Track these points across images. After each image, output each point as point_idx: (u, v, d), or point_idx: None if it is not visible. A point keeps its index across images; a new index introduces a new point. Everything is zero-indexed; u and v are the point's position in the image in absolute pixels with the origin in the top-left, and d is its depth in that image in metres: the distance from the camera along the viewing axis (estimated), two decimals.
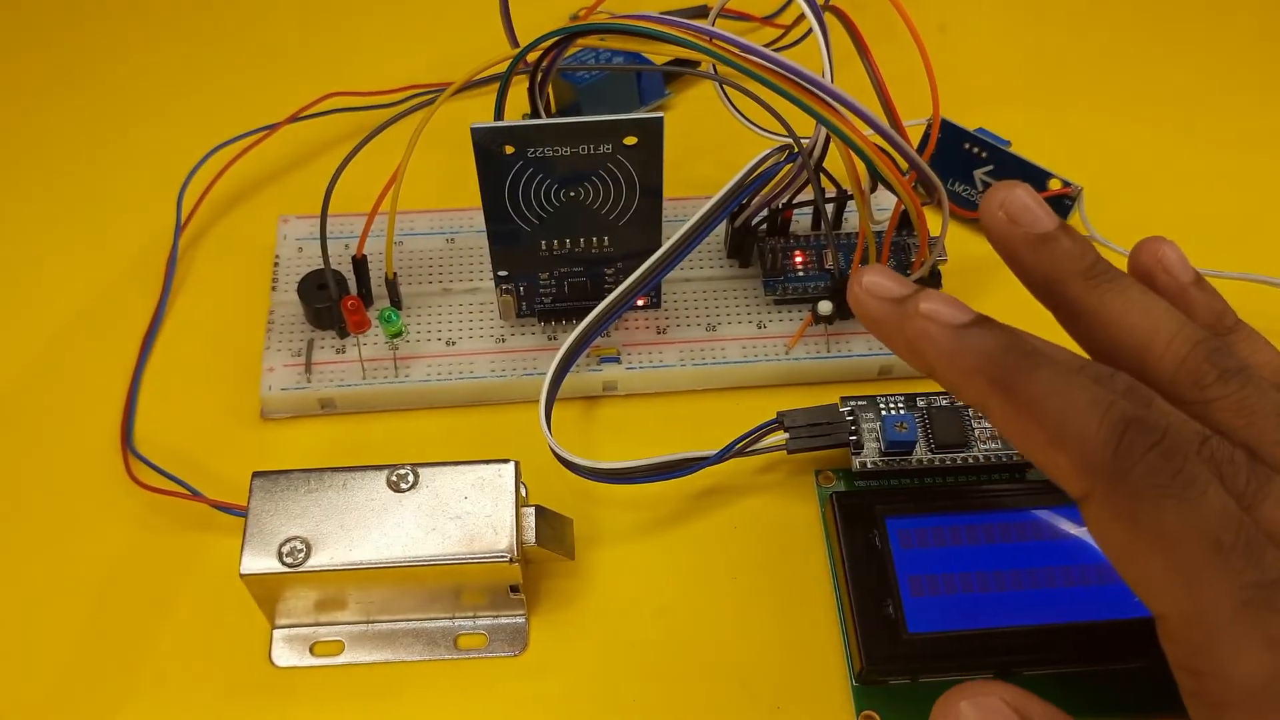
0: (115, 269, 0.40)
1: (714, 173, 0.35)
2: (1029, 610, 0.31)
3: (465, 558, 0.29)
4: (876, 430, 0.34)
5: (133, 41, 0.48)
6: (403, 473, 0.30)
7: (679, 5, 0.46)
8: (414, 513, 0.30)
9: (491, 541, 0.29)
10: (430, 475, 0.30)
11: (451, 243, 0.39)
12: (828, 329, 0.37)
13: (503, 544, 0.29)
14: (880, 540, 0.31)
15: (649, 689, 0.31)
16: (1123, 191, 0.42)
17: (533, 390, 0.34)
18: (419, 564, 0.29)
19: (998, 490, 0.33)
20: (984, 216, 0.27)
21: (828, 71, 0.32)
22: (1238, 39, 0.48)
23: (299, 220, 0.40)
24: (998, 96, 0.45)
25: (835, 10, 0.33)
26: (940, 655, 0.30)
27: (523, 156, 0.32)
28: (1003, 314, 0.38)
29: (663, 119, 0.32)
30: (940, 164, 0.41)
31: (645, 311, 0.38)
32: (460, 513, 0.30)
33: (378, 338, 0.36)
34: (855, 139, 0.31)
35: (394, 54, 0.47)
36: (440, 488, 0.30)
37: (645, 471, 0.33)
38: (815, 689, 0.31)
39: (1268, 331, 0.38)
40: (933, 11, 0.49)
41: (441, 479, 0.30)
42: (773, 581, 0.33)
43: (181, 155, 0.41)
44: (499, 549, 0.29)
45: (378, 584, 0.30)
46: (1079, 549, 0.31)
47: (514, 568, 0.29)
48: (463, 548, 0.29)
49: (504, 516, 0.30)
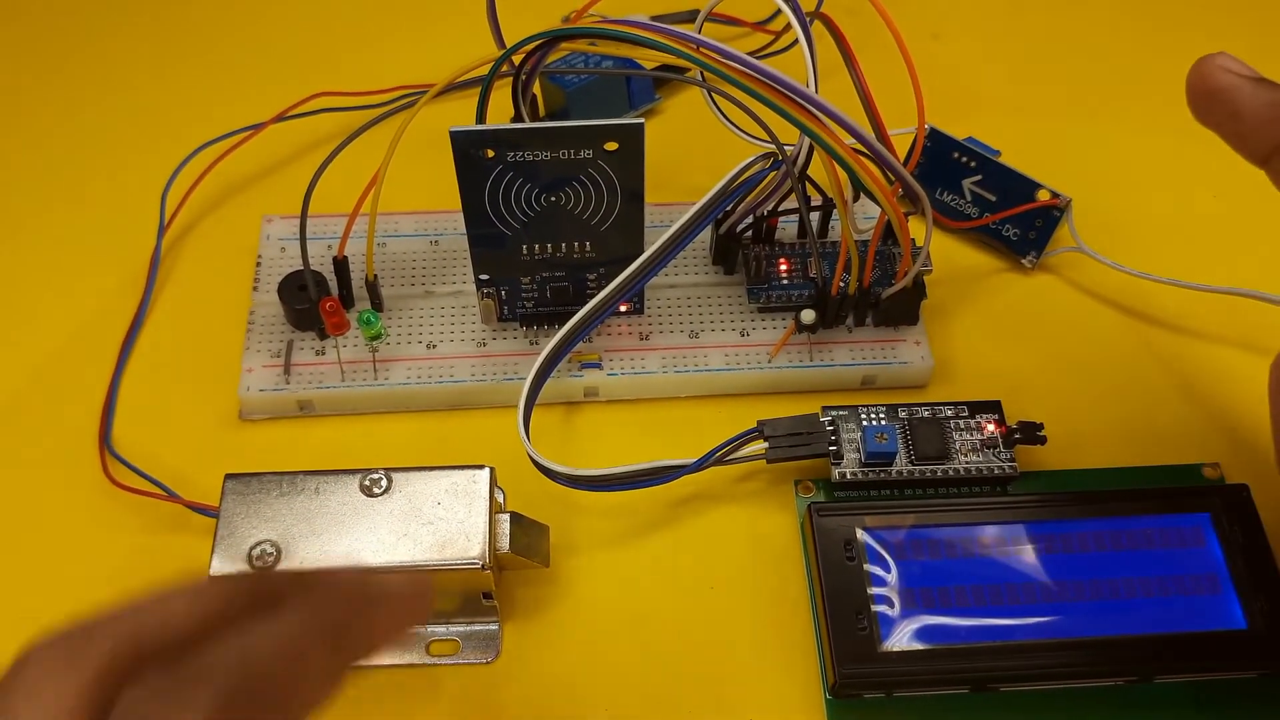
0: (98, 268, 0.40)
1: (703, 178, 0.34)
2: (1007, 626, 0.30)
3: (437, 565, 0.29)
4: (857, 440, 0.34)
5: (118, 40, 0.48)
6: (375, 477, 0.30)
7: (676, 8, 0.46)
8: (386, 518, 0.29)
9: (463, 548, 0.29)
10: (404, 480, 0.30)
11: (435, 245, 0.39)
12: (810, 338, 0.37)
13: (474, 551, 0.29)
14: (856, 553, 0.31)
15: (622, 698, 0.31)
16: (1112, 203, 0.41)
17: (513, 395, 0.34)
18: (389, 570, 0.29)
19: (978, 504, 0.32)
20: (1199, 77, 0.27)
21: (812, 80, 0.32)
22: (1233, 50, 0.48)
23: (282, 220, 0.39)
24: (989, 105, 0.45)
25: (823, 17, 0.33)
26: (915, 671, 0.30)
27: (503, 160, 0.32)
28: (983, 322, 0.39)
29: (643, 125, 0.31)
30: (928, 173, 0.41)
31: (628, 317, 0.37)
32: (433, 518, 0.29)
33: (358, 340, 0.36)
34: (837, 148, 0.30)
35: (384, 54, 0.47)
36: (414, 493, 0.30)
37: (624, 479, 0.32)
38: (789, 701, 0.31)
39: (1255, 346, 0.38)
40: (927, 19, 0.49)
41: (415, 484, 0.30)
42: (750, 592, 0.33)
43: (165, 154, 0.41)
44: (470, 556, 0.29)
45: None
46: (1059, 564, 0.31)
47: (486, 575, 0.29)
48: (434, 554, 0.29)
49: (477, 523, 0.29)
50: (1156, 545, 0.32)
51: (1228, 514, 0.32)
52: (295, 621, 0.20)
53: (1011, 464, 0.34)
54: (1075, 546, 0.32)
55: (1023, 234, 0.40)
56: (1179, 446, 0.36)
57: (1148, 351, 0.38)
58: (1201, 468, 0.35)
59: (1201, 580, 0.31)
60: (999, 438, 0.34)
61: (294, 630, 0.19)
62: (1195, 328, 0.39)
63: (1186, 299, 0.38)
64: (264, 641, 0.19)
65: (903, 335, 0.37)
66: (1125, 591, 0.31)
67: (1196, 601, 0.31)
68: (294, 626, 0.19)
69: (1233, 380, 0.37)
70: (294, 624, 0.20)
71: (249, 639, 0.19)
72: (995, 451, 0.34)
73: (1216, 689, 0.31)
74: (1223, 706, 0.30)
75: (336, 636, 0.20)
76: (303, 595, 0.20)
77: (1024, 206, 0.39)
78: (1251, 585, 0.31)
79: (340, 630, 0.20)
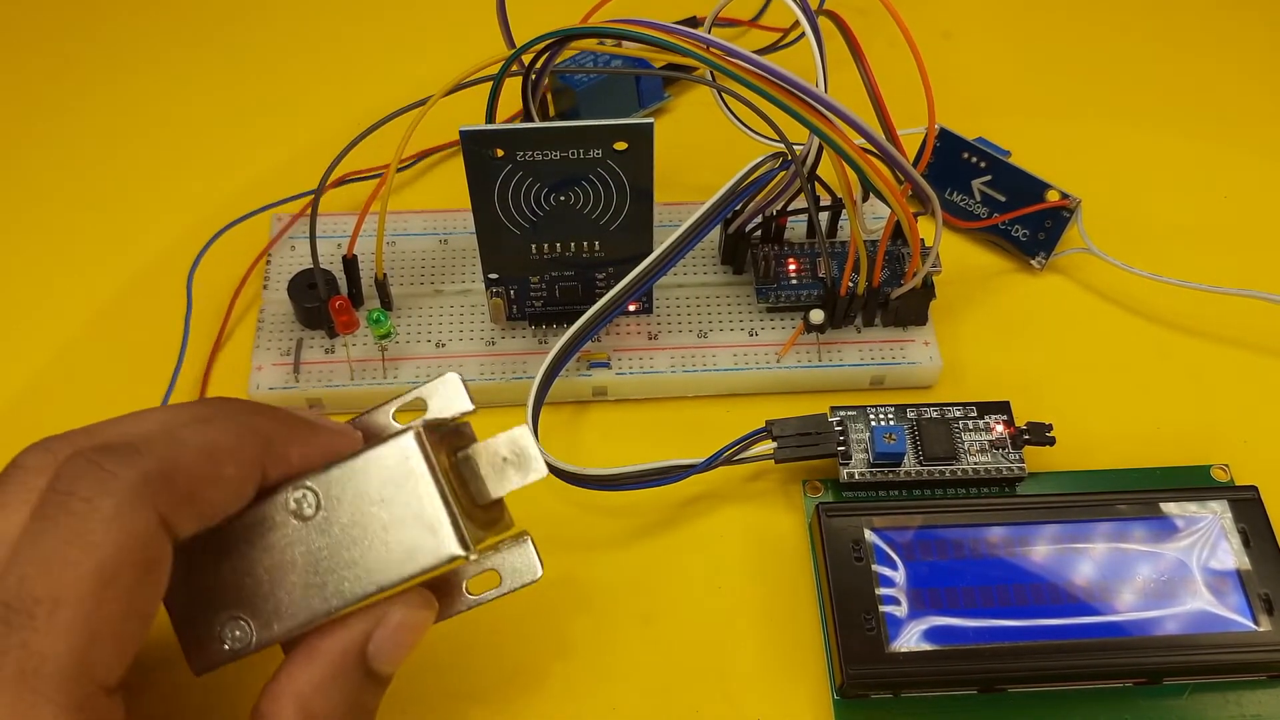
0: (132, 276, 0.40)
1: (713, 177, 0.35)
2: (1015, 627, 0.30)
3: (417, 573, 0.24)
4: (865, 441, 0.34)
5: (118, 37, 0.48)
6: (298, 496, 0.24)
7: (677, 15, 0.46)
8: (337, 543, 0.24)
9: (435, 545, 0.24)
10: (328, 487, 0.24)
11: (445, 244, 0.39)
12: (819, 338, 0.37)
13: (446, 545, 0.24)
14: (864, 553, 0.31)
15: (629, 696, 0.31)
16: (1122, 205, 0.41)
17: (521, 394, 0.34)
18: (372, 599, 0.24)
19: (986, 504, 0.32)
20: None
21: (821, 79, 0.32)
22: (1242, 52, 0.48)
23: (292, 219, 0.39)
24: (999, 105, 0.45)
25: (831, 15, 0.33)
26: (923, 671, 0.30)
27: (512, 160, 0.32)
28: (992, 323, 0.39)
29: (653, 125, 0.31)
30: (938, 173, 0.41)
31: (637, 317, 0.37)
32: (385, 522, 0.24)
33: (367, 338, 0.36)
34: (846, 147, 0.30)
35: (393, 54, 0.47)
36: (349, 500, 0.24)
37: (632, 478, 0.33)
38: (796, 702, 0.31)
39: (1265, 348, 0.38)
40: (939, 18, 0.48)
41: (344, 488, 0.24)
42: (758, 591, 0.33)
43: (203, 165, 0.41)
44: (446, 554, 0.24)
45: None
46: (1067, 565, 0.31)
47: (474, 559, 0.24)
48: (410, 566, 0.24)
49: (433, 510, 0.24)
50: (1165, 547, 0.32)
51: (1237, 516, 0.32)
52: (225, 425, 0.23)
53: (1020, 465, 0.34)
54: (1084, 548, 0.31)
55: (1032, 235, 0.40)
56: (1188, 448, 0.36)
57: (1157, 353, 0.38)
58: (1211, 469, 0.35)
59: (1211, 582, 0.31)
60: (1008, 438, 0.34)
61: (221, 435, 0.23)
62: (1205, 329, 0.38)
63: (1196, 300, 0.38)
64: (190, 436, 0.23)
65: (911, 335, 0.37)
66: (1133, 593, 0.31)
67: (1205, 603, 0.31)
68: (223, 432, 0.23)
69: (1243, 382, 0.37)
70: (225, 427, 0.23)
71: (175, 434, 0.23)
72: (1004, 452, 0.34)
73: (1226, 690, 0.31)
74: (1232, 708, 0.30)
75: (256, 449, 0.23)
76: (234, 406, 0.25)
77: (1034, 207, 0.39)
78: (1261, 587, 0.31)
79: (261, 445, 0.23)
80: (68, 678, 0.19)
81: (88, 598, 0.20)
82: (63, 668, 0.19)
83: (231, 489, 0.23)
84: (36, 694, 0.19)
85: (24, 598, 0.20)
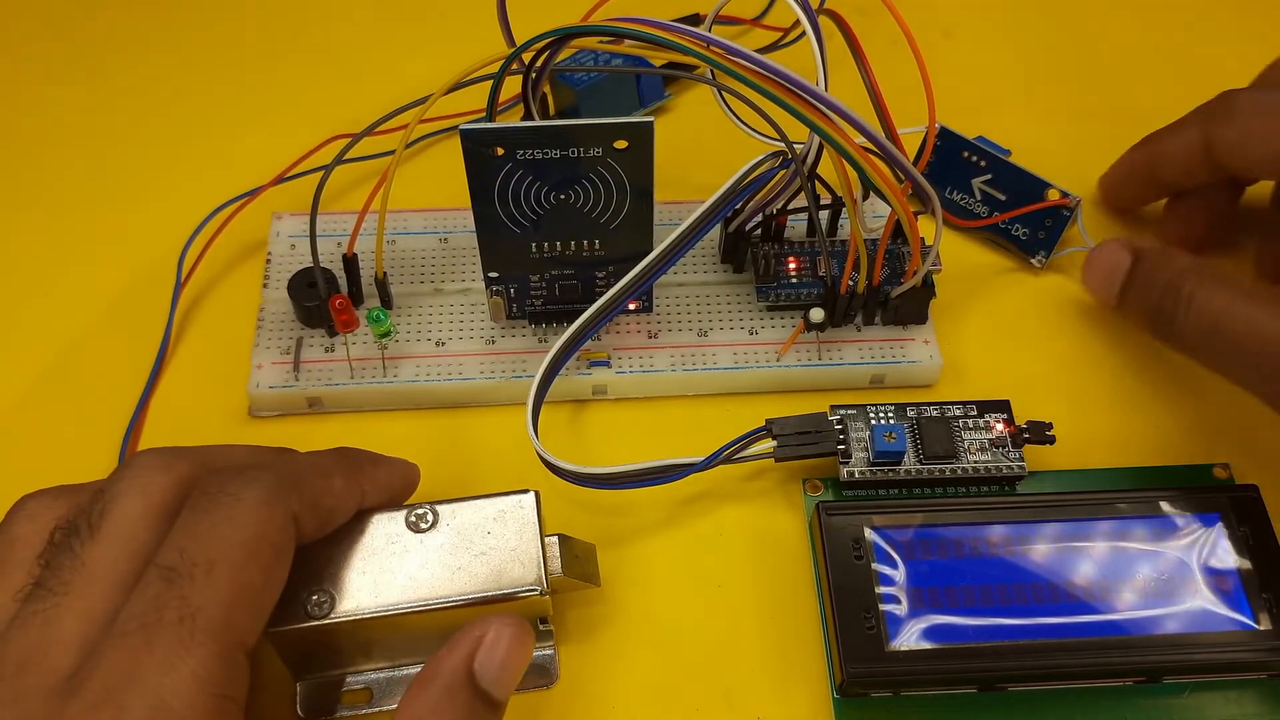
0: (125, 275, 0.40)
1: (713, 176, 0.34)
2: (1015, 626, 0.30)
3: (495, 595, 0.28)
4: (865, 439, 0.34)
5: (117, 36, 0.48)
6: (421, 512, 0.29)
7: (677, 13, 0.46)
8: (437, 552, 0.29)
9: (520, 576, 0.28)
10: (450, 512, 0.29)
11: (445, 242, 0.39)
12: (819, 337, 0.37)
13: (531, 577, 0.28)
14: (864, 552, 0.31)
15: (629, 695, 0.31)
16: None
17: (521, 393, 0.34)
18: (448, 606, 0.28)
19: (986, 503, 0.32)
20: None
21: (821, 78, 0.31)
22: (1243, 53, 0.47)
23: (292, 217, 0.39)
24: (1000, 104, 0.45)
25: (832, 14, 0.33)
26: (923, 670, 0.30)
27: (512, 159, 0.32)
28: (992, 322, 0.38)
29: (653, 123, 0.31)
30: (939, 172, 0.41)
31: (636, 315, 0.37)
32: (485, 549, 0.29)
33: (367, 337, 0.36)
34: (846, 146, 0.30)
35: (394, 53, 0.47)
36: (461, 524, 0.29)
37: (632, 477, 0.32)
38: (796, 700, 0.31)
39: None
40: (939, 17, 0.48)
41: (462, 515, 0.29)
42: (758, 590, 0.33)
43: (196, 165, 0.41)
44: (529, 582, 0.28)
45: (405, 629, 0.29)
46: (1067, 564, 0.31)
47: (545, 600, 0.29)
48: (491, 585, 0.28)
49: (530, 549, 0.29)
50: (1165, 546, 0.32)
51: (1238, 515, 0.32)
52: (324, 454, 0.29)
53: (1020, 464, 0.34)
54: (1084, 547, 0.31)
55: (1032, 233, 0.40)
56: (1189, 447, 0.36)
57: (1157, 352, 0.38)
58: (1211, 468, 0.35)
59: (1211, 581, 0.31)
60: (1008, 437, 0.34)
61: (323, 459, 0.28)
62: None
63: None
64: (303, 459, 0.29)
65: (911, 334, 0.37)
66: (1134, 592, 0.31)
67: (1206, 602, 0.31)
68: (323, 457, 0.29)
69: None
70: (323, 455, 0.29)
71: (292, 457, 0.29)
72: (1004, 451, 0.34)
73: (1226, 689, 0.31)
74: (1232, 708, 0.30)
75: (352, 470, 0.28)
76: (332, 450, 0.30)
77: (1034, 206, 0.39)
78: (1261, 586, 0.31)
79: (354, 468, 0.29)
80: (218, 627, 0.23)
81: (237, 563, 0.24)
82: (213, 618, 0.23)
83: (341, 499, 0.28)
84: (193, 638, 0.23)
85: (185, 561, 0.24)
